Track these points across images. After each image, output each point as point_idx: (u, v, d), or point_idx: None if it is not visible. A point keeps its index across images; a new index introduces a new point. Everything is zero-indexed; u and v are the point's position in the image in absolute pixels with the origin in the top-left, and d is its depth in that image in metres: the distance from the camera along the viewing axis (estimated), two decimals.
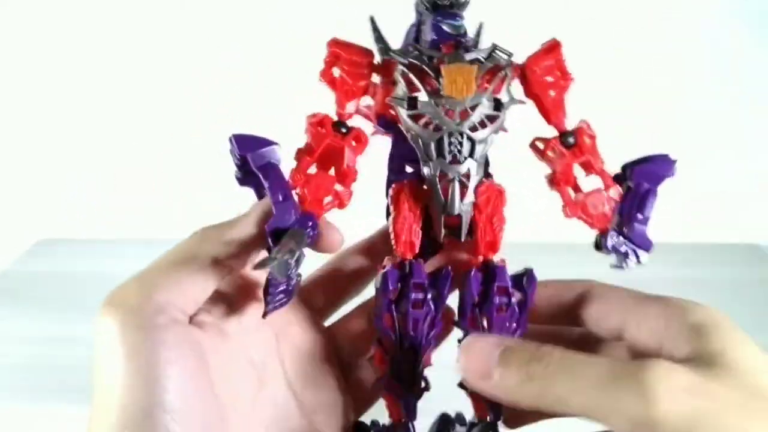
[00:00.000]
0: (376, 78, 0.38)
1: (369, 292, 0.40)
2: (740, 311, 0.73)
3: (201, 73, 0.85)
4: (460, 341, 0.36)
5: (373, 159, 0.39)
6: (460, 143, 0.35)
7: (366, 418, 0.40)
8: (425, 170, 0.36)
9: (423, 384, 0.37)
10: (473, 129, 0.35)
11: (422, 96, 0.35)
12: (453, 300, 0.38)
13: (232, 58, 0.84)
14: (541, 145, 0.38)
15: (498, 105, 0.35)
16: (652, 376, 0.28)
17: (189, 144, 0.89)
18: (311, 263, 0.39)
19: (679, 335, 0.32)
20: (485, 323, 0.36)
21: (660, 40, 0.81)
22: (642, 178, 0.38)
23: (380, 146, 0.41)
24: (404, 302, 0.36)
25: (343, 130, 0.37)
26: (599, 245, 0.38)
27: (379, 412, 0.40)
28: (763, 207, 0.89)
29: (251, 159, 0.36)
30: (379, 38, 0.39)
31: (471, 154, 0.35)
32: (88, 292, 0.77)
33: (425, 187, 0.36)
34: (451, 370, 0.34)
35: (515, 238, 0.40)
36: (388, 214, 0.38)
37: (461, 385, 0.36)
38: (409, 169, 0.39)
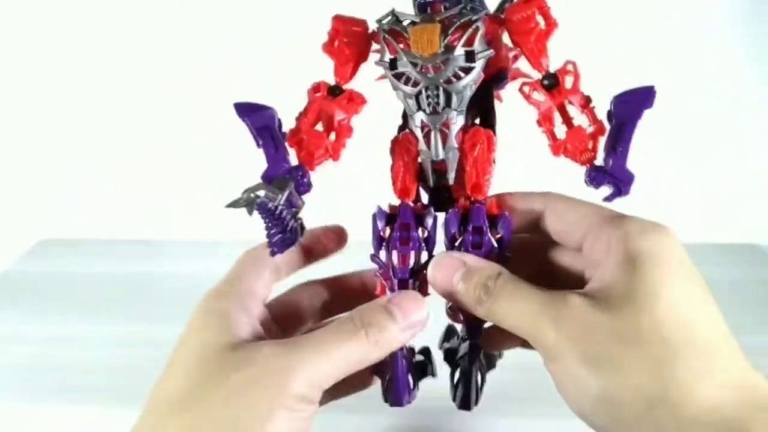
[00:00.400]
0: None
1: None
2: (740, 311, 0.73)
3: (201, 73, 0.85)
4: None
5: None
6: (437, 95, 0.39)
7: None
8: (410, 123, 0.41)
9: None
10: (448, 81, 0.39)
11: (401, 56, 0.39)
12: None
13: (232, 58, 0.84)
14: (527, 89, 0.41)
15: (470, 56, 0.38)
16: (559, 314, 0.34)
17: (189, 144, 0.89)
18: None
19: (614, 263, 0.35)
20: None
21: (660, 39, 0.81)
22: (622, 111, 0.40)
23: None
24: (393, 240, 0.40)
25: (339, 93, 0.42)
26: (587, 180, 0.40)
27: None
28: (763, 207, 0.89)
29: (249, 121, 0.41)
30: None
31: (448, 104, 0.39)
32: (88, 292, 0.78)
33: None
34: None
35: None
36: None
37: (448, 313, 0.42)
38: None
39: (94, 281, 0.81)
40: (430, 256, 0.41)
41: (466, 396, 0.42)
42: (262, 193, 0.38)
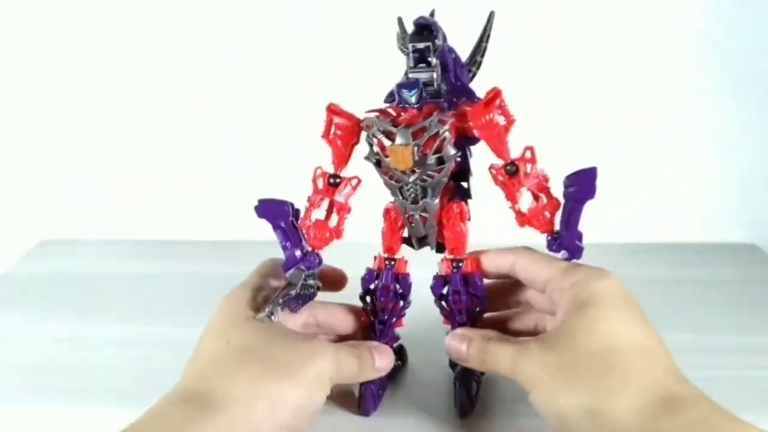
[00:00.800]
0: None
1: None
2: (740, 311, 0.73)
3: (201, 74, 0.85)
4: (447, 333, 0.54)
5: None
6: (415, 190, 0.51)
7: None
8: (397, 205, 0.53)
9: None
10: (423, 180, 0.50)
11: (383, 159, 0.50)
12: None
13: (232, 59, 0.84)
14: (494, 171, 0.51)
15: (440, 160, 0.49)
16: (524, 360, 0.46)
17: (188, 145, 0.89)
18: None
19: (563, 309, 0.47)
20: (447, 307, 0.54)
21: (654, 39, 0.81)
22: (571, 196, 0.49)
23: None
24: (377, 294, 0.55)
25: (337, 180, 0.54)
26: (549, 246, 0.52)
27: None
28: (762, 207, 0.89)
29: (267, 221, 0.52)
30: (403, 39, 0.50)
31: (425, 196, 0.51)
32: (89, 292, 0.78)
33: None
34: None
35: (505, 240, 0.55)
36: None
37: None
38: None
39: (94, 281, 0.81)
40: (405, 305, 0.56)
41: (462, 404, 0.55)
42: (280, 300, 0.51)
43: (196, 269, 0.83)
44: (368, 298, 0.56)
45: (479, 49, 0.53)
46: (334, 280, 0.59)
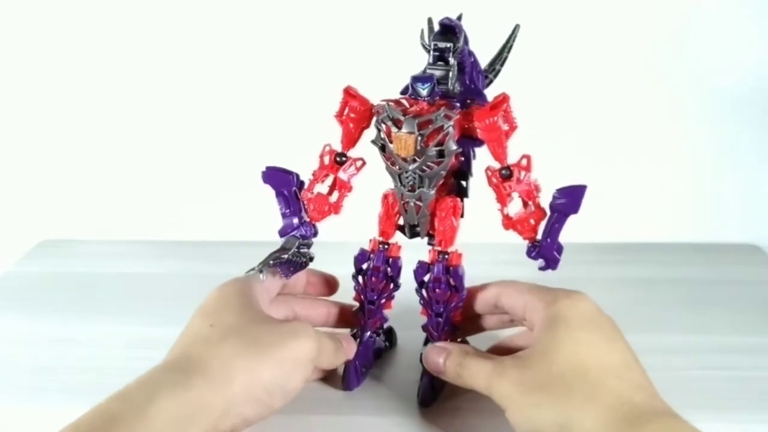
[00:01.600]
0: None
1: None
2: (740, 312, 0.73)
3: (201, 76, 0.85)
4: (423, 327, 0.59)
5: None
6: (414, 178, 0.53)
7: None
8: (395, 191, 0.55)
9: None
10: (422, 170, 0.52)
11: (388, 144, 0.52)
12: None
13: (233, 60, 0.84)
14: (489, 173, 0.53)
15: (441, 153, 0.51)
16: (500, 377, 0.48)
17: (189, 146, 0.89)
18: None
19: (537, 329, 0.50)
20: (426, 296, 0.57)
21: (656, 43, 0.81)
22: (557, 208, 0.52)
23: None
24: (368, 273, 0.58)
25: (343, 159, 0.57)
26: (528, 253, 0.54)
27: None
28: (763, 208, 0.89)
29: (271, 187, 0.56)
30: (427, 37, 0.52)
31: (422, 185, 0.53)
32: (89, 293, 0.78)
33: None
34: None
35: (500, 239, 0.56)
36: None
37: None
38: None
39: (96, 282, 0.81)
40: (395, 287, 0.59)
41: (425, 394, 0.58)
42: (271, 262, 0.54)
43: (196, 269, 0.83)
44: (360, 278, 0.59)
45: (500, 57, 0.56)
46: (327, 285, 0.64)
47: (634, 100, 0.83)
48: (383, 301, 0.59)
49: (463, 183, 0.57)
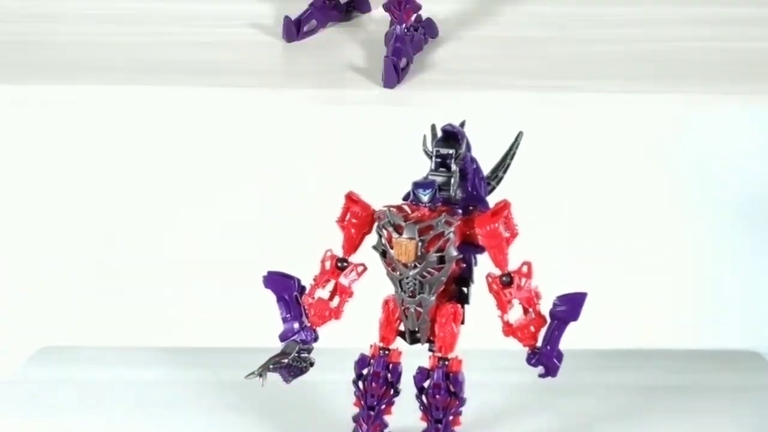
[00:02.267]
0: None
1: None
2: (741, 419, 0.73)
3: (203, 180, 0.87)
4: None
5: None
6: (414, 284, 0.53)
7: None
8: (396, 296, 0.56)
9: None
10: (422, 276, 0.53)
11: (388, 250, 0.53)
12: None
13: (236, 166, 0.86)
14: (489, 279, 0.54)
15: (441, 259, 0.52)
16: None
17: (189, 250, 0.90)
18: None
19: None
20: (426, 402, 0.56)
21: (655, 146, 0.83)
22: (557, 315, 0.53)
23: None
24: (368, 379, 0.57)
25: (344, 264, 0.58)
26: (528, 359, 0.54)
27: None
28: (762, 314, 0.89)
29: (272, 291, 0.57)
30: (430, 143, 0.54)
31: (422, 291, 0.53)
32: (91, 400, 0.77)
33: None
34: None
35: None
36: None
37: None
38: None
39: (97, 389, 0.80)
40: (395, 393, 0.58)
41: None
42: (270, 366, 0.54)
43: (196, 376, 0.82)
44: (360, 384, 0.58)
45: (502, 164, 0.59)
46: None
47: (635, 208, 0.85)
48: (383, 406, 0.59)
49: (464, 289, 0.58)
